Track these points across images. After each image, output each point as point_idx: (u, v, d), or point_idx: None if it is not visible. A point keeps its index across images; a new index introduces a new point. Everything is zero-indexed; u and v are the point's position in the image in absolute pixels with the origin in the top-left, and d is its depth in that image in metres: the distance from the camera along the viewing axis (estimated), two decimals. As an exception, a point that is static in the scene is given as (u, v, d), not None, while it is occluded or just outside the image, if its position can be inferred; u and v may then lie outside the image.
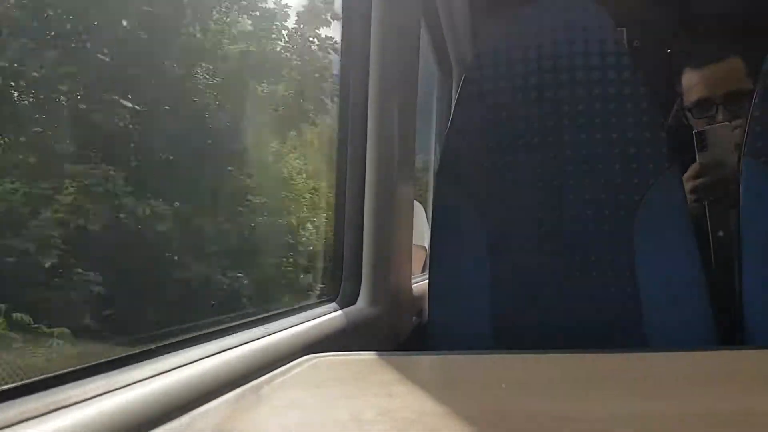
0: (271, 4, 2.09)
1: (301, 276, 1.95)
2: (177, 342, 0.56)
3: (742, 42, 1.29)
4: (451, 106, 1.72)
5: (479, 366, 0.64)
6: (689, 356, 0.67)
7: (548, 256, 0.96)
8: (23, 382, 0.42)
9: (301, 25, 2.24)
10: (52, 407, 0.40)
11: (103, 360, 0.48)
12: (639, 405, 0.46)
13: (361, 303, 0.95)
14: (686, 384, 0.54)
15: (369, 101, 0.98)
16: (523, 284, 0.96)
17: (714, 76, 1.23)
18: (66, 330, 0.98)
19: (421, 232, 1.54)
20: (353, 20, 1.01)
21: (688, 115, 1.29)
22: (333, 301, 0.93)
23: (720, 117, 1.20)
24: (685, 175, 1.15)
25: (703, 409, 0.45)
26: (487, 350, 0.90)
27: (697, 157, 1.12)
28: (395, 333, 1.02)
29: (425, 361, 0.63)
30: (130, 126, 1.45)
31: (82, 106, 1.37)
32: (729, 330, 0.91)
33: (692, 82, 1.25)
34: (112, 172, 1.35)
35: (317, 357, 0.61)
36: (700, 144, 1.11)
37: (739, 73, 1.22)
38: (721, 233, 1.08)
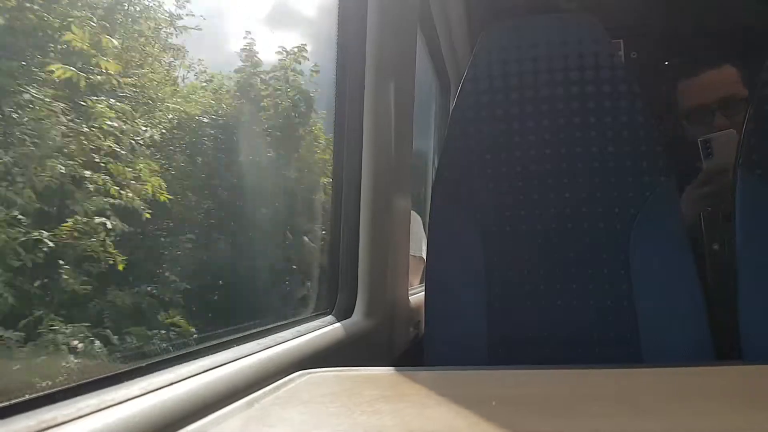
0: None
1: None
2: (170, 358, 0.56)
3: (737, 53, 1.30)
4: (448, 117, 1.72)
5: (474, 382, 0.64)
6: (685, 372, 0.66)
7: (544, 270, 0.95)
8: (15, 401, 0.42)
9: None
10: (41, 426, 0.40)
11: (95, 377, 0.48)
12: (634, 421, 0.46)
13: (357, 315, 0.94)
14: (682, 400, 0.53)
15: (365, 111, 0.98)
16: (519, 298, 0.95)
17: (709, 83, 1.24)
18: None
19: (420, 242, 1.54)
20: (349, 31, 1.01)
21: (684, 123, 1.30)
22: (329, 314, 0.93)
23: (717, 122, 1.21)
24: (692, 183, 1.15)
25: (699, 425, 0.45)
26: (484, 366, 0.89)
27: (703, 164, 1.12)
28: (392, 346, 1.02)
29: (418, 376, 0.63)
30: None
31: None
32: (726, 344, 0.91)
33: (688, 90, 1.26)
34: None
35: (311, 372, 0.61)
36: (706, 151, 1.11)
37: (733, 80, 1.24)
38: (716, 246, 1.08)
